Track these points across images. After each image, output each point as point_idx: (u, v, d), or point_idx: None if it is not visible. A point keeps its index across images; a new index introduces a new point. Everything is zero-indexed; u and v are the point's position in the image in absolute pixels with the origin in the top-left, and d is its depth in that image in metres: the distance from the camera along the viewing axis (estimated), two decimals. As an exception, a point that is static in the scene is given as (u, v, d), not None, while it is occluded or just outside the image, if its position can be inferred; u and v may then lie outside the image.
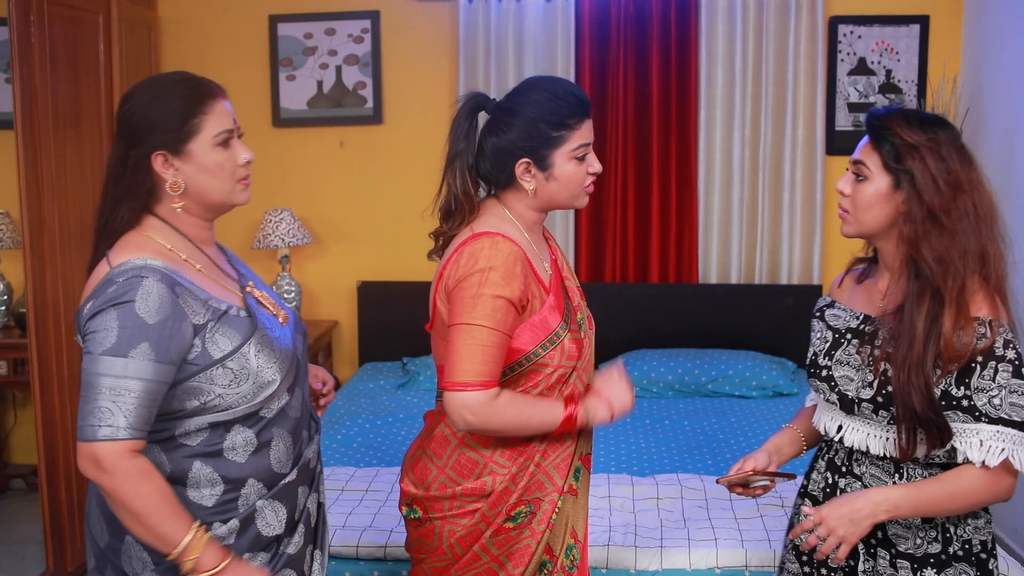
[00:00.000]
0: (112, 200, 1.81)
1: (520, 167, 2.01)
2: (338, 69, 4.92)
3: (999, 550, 2.66)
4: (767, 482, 2.11)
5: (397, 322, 4.89)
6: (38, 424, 3.66)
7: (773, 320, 4.69)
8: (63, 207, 3.70)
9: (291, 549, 1.88)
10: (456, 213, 2.06)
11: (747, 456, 2.13)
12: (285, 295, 4.74)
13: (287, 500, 1.88)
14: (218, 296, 1.81)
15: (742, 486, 2.11)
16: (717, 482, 2.14)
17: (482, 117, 2.09)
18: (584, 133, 2.01)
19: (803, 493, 2.13)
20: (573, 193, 2.04)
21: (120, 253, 1.77)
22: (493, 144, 2.03)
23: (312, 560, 1.97)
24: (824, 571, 2.04)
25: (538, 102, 2.00)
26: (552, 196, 2.04)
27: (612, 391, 2.07)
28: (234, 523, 1.80)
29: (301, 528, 1.91)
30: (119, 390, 1.65)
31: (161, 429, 1.75)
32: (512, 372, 2.01)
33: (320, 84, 4.94)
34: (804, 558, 2.08)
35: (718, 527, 2.94)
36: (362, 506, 3.14)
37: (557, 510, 2.06)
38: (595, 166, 2.05)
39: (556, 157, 2.00)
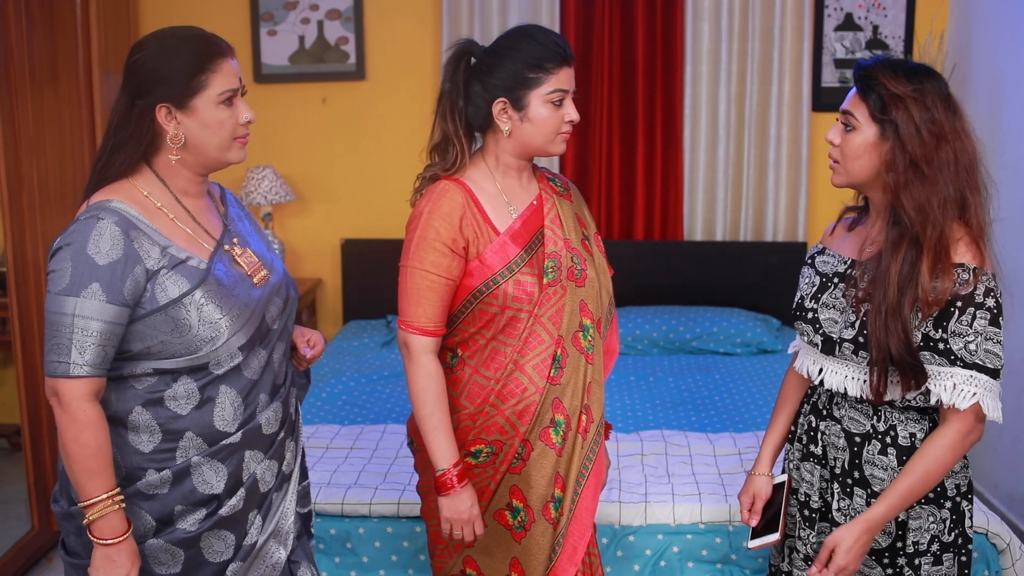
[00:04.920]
0: (111, 147, 1.85)
1: (497, 107, 2.07)
2: (320, 24, 4.85)
3: (977, 502, 2.69)
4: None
5: (381, 280, 4.83)
6: (20, 383, 3.64)
7: (758, 277, 4.69)
8: (42, 164, 3.64)
9: (225, 511, 1.88)
10: (449, 154, 2.12)
11: (750, 492, 2.21)
12: (268, 253, 4.70)
13: (230, 461, 1.88)
14: (181, 245, 1.84)
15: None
16: (751, 548, 2.20)
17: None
18: (561, 79, 2.07)
19: (791, 438, 2.20)
20: (547, 138, 2.09)
21: (97, 196, 1.83)
22: (476, 86, 2.10)
23: (251, 524, 1.94)
24: (807, 512, 2.10)
25: (518, 45, 2.07)
26: (527, 139, 2.10)
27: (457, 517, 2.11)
28: (167, 474, 1.83)
29: (242, 492, 1.90)
30: (75, 328, 1.71)
31: (112, 368, 1.79)
32: (466, 309, 2.11)
33: (302, 39, 4.86)
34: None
35: (702, 482, 2.96)
36: (347, 463, 3.14)
37: (518, 455, 2.12)
38: (572, 114, 2.10)
39: (531, 99, 2.06)
